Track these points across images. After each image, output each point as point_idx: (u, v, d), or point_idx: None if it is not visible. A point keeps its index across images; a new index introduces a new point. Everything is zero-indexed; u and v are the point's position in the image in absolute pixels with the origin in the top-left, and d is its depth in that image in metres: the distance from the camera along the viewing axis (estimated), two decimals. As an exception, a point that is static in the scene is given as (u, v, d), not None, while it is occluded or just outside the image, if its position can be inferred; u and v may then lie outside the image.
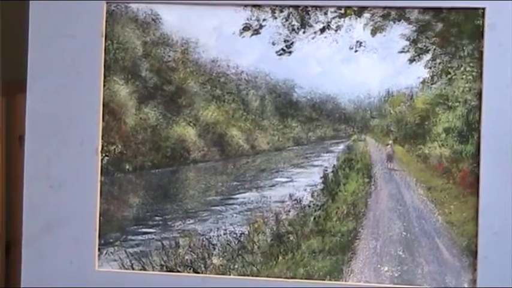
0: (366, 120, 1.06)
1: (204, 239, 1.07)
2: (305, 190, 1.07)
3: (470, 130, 1.03)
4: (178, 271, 1.07)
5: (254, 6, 1.06)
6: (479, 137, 1.02)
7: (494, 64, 1.01)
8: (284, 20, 1.06)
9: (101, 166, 1.07)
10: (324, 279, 1.04)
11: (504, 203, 1.00)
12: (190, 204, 1.08)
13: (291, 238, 1.06)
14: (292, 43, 1.06)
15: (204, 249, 1.07)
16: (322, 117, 1.07)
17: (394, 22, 1.04)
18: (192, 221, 1.07)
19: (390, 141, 1.06)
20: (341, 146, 1.08)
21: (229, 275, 1.06)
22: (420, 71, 1.04)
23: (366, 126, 1.06)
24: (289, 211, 1.06)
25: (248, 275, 1.05)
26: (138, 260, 1.07)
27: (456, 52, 1.03)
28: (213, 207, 1.08)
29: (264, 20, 1.06)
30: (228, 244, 1.07)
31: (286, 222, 1.06)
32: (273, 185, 1.08)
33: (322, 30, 1.05)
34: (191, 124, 1.08)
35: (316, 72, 1.06)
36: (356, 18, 1.04)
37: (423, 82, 1.04)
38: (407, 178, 1.05)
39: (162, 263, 1.07)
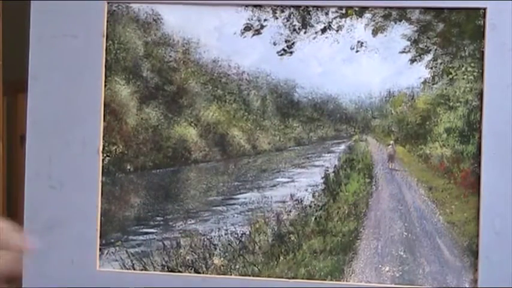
0: (367, 121, 1.06)
1: (205, 239, 1.07)
2: (306, 190, 1.06)
3: (471, 130, 1.03)
4: (179, 271, 1.07)
5: (255, 6, 1.05)
6: (480, 137, 1.02)
7: (495, 64, 1.01)
8: (285, 20, 1.05)
9: (102, 166, 1.07)
10: (325, 279, 1.04)
11: (505, 203, 1.00)
12: (192, 204, 1.08)
13: (292, 238, 1.06)
14: (293, 43, 1.05)
15: (205, 249, 1.07)
16: (323, 118, 1.07)
17: (395, 22, 1.04)
18: (193, 221, 1.07)
19: (391, 142, 1.06)
20: (342, 146, 1.07)
21: (230, 275, 1.06)
22: (421, 71, 1.04)
23: (367, 126, 1.06)
24: (290, 211, 1.06)
25: (249, 275, 1.05)
26: (139, 260, 1.07)
27: (457, 52, 1.03)
28: (214, 208, 1.08)
29: (265, 20, 1.06)
30: (229, 244, 1.07)
31: (287, 223, 1.06)
32: (274, 185, 1.08)
33: (323, 30, 1.05)
34: (192, 124, 1.08)
35: (317, 72, 1.06)
36: (357, 19, 1.04)
37: (424, 82, 1.04)
38: (409, 178, 1.05)
39: (163, 263, 1.07)
